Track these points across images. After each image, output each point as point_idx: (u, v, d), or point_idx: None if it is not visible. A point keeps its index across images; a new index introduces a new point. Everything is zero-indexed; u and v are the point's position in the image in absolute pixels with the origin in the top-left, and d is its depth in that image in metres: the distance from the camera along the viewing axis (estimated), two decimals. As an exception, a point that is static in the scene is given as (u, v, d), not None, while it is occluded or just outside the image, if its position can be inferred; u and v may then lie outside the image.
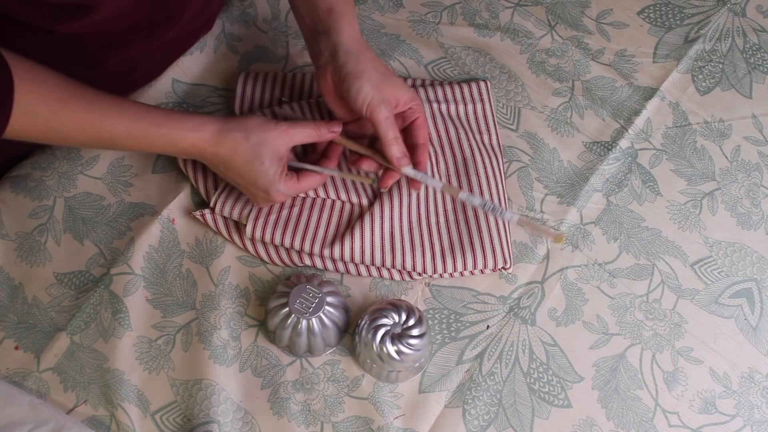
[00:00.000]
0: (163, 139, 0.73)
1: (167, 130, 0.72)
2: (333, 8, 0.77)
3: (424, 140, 0.79)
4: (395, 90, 0.76)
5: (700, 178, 0.93)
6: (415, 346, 0.76)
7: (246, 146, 0.74)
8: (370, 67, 0.75)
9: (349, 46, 0.76)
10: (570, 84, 0.98)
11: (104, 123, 0.70)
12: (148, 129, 0.72)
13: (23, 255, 0.84)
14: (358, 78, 0.74)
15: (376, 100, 0.74)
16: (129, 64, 0.85)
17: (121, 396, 0.77)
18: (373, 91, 0.74)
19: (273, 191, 0.76)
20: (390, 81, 0.76)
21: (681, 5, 1.05)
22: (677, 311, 0.85)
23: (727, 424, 0.80)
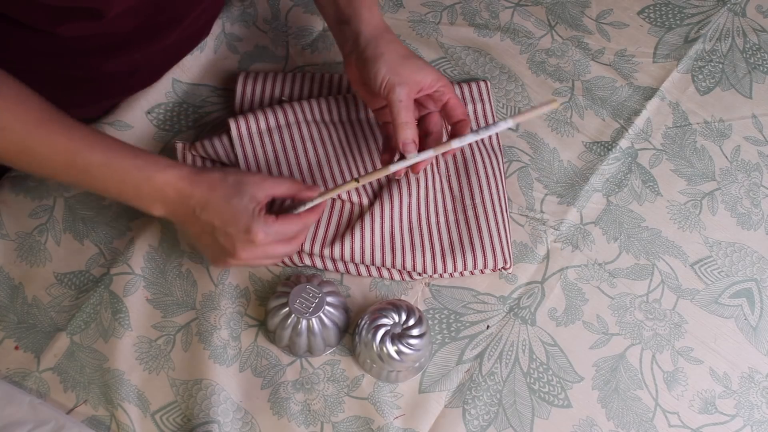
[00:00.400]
0: (138, 173, 0.69)
1: (144, 163, 0.69)
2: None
3: (462, 116, 0.76)
4: (416, 73, 0.74)
5: (700, 178, 0.93)
6: (415, 346, 0.76)
7: (225, 185, 0.70)
8: (390, 50, 0.75)
9: (369, 31, 0.76)
10: (570, 84, 0.98)
11: (80, 149, 0.68)
12: (123, 160, 0.69)
13: (23, 255, 0.84)
14: (376, 61, 0.74)
15: (392, 82, 0.73)
16: (129, 67, 0.85)
17: (121, 396, 0.77)
18: (390, 73, 0.73)
19: (255, 227, 0.69)
20: (411, 63, 0.75)
21: (681, 5, 1.05)
22: (677, 311, 0.85)
23: (727, 424, 0.80)
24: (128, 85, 0.89)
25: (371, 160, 0.88)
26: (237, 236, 0.70)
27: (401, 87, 0.73)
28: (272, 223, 0.70)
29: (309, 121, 0.88)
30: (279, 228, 0.71)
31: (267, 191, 0.71)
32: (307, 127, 0.88)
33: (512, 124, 0.72)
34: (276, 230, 0.70)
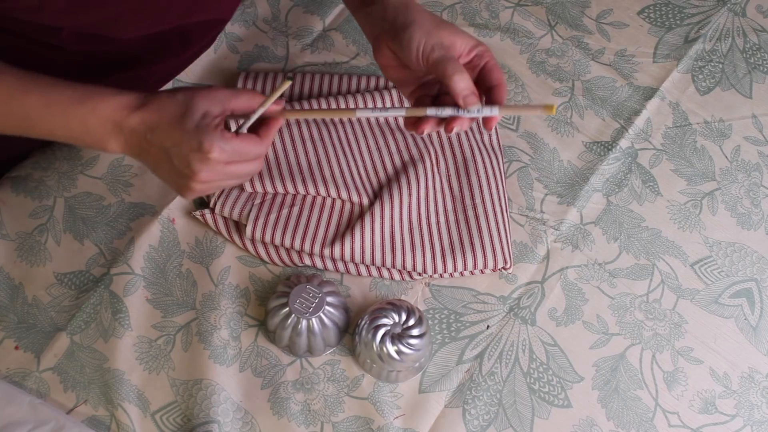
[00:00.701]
0: (81, 106, 0.63)
1: (85, 95, 0.64)
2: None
3: (498, 81, 0.69)
4: (453, 35, 0.68)
5: (700, 178, 0.93)
6: (415, 346, 0.76)
7: (174, 102, 0.63)
8: (421, 16, 0.68)
9: (397, 3, 0.70)
10: (570, 84, 0.98)
11: (15, 94, 0.63)
12: (63, 96, 0.63)
13: (23, 255, 0.84)
14: (407, 28, 0.67)
15: (430, 44, 0.66)
16: (134, 82, 0.85)
17: (121, 396, 0.77)
18: (426, 36, 0.66)
19: (207, 142, 0.62)
20: (447, 28, 0.68)
21: (681, 5, 1.05)
22: (677, 311, 0.85)
23: (727, 424, 0.80)
24: None
25: (371, 159, 0.88)
26: (191, 155, 0.63)
27: (440, 48, 0.66)
28: (229, 138, 0.63)
29: (309, 120, 0.88)
30: (237, 146, 0.64)
31: (223, 104, 0.64)
32: (307, 127, 0.88)
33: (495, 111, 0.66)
34: (233, 147, 0.63)
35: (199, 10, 0.76)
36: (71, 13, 0.64)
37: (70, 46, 0.73)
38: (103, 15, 0.66)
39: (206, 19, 0.81)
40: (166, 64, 0.85)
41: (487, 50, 0.70)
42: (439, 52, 0.66)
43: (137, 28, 0.71)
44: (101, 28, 0.69)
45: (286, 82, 0.65)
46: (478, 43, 0.70)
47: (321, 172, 0.85)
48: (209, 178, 0.64)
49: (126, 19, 0.68)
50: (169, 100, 0.64)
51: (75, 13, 0.64)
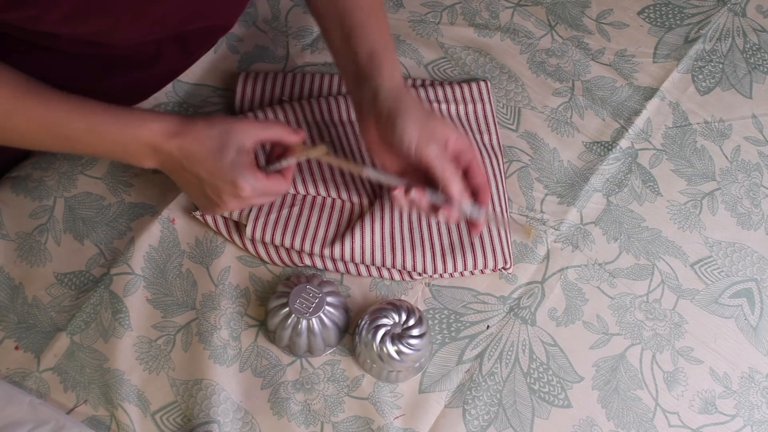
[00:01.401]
0: (123, 133, 0.69)
1: (126, 121, 0.70)
2: (374, 52, 0.74)
3: (483, 181, 0.73)
4: (443, 128, 0.71)
5: (700, 178, 0.93)
6: (415, 346, 0.76)
7: (211, 135, 0.70)
8: (413, 106, 0.71)
9: (389, 87, 0.73)
10: (570, 84, 0.98)
11: (61, 119, 0.68)
12: (106, 123, 0.69)
13: (23, 255, 0.84)
14: (400, 117, 0.70)
15: (424, 139, 0.69)
16: (131, 84, 0.85)
17: (121, 396, 0.77)
18: (419, 130, 0.69)
19: (241, 181, 0.70)
20: (436, 120, 0.72)
21: (681, 5, 1.05)
22: (677, 311, 0.85)
23: (727, 424, 0.80)
24: (130, 98, 0.89)
25: (371, 158, 0.88)
26: (224, 188, 0.71)
27: (432, 144, 0.70)
28: (260, 178, 0.71)
29: (309, 121, 0.88)
30: (266, 185, 0.72)
31: (254, 138, 0.71)
32: (307, 128, 0.88)
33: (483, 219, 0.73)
34: (263, 186, 0.72)
35: (195, 19, 0.76)
36: (69, 23, 0.65)
37: (69, 49, 0.74)
38: (100, 24, 0.66)
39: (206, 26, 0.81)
40: (165, 67, 0.85)
41: (472, 146, 0.74)
42: (433, 150, 0.69)
43: (135, 36, 0.71)
44: (99, 36, 0.69)
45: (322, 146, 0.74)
46: (462, 136, 0.73)
47: (321, 173, 0.85)
48: (235, 207, 0.74)
49: (123, 29, 0.68)
50: (207, 131, 0.70)
51: (72, 22, 0.65)
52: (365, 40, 0.75)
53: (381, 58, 0.74)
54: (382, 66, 0.74)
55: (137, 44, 0.75)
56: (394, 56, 0.76)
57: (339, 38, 0.76)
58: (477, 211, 0.71)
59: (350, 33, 0.75)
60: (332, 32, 0.77)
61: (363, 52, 0.75)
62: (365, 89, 0.74)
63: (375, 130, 0.73)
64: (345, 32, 0.76)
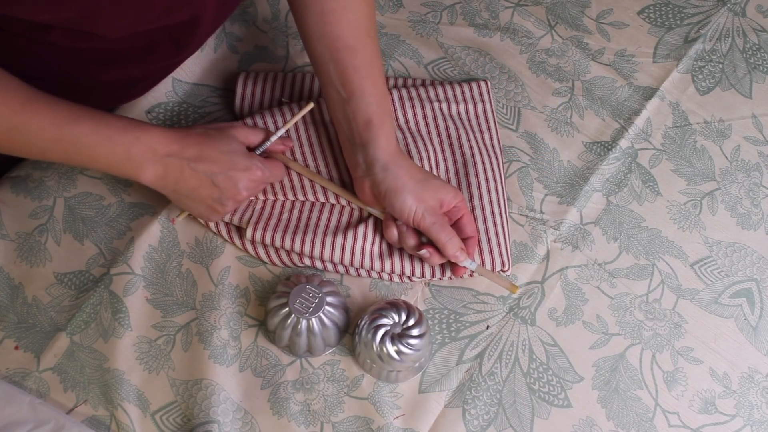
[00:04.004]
0: (126, 135, 0.71)
1: (130, 125, 0.72)
2: (371, 120, 0.78)
3: (472, 233, 0.81)
4: (436, 194, 0.79)
5: (700, 178, 0.93)
6: (415, 346, 0.76)
7: (211, 136, 0.76)
8: (408, 179, 0.78)
9: (386, 160, 0.78)
10: (570, 84, 0.98)
11: (67, 121, 0.69)
12: (110, 125, 0.71)
13: (23, 255, 0.84)
14: (399, 193, 0.77)
15: (420, 211, 0.77)
16: (128, 80, 0.85)
17: (121, 396, 0.77)
18: (416, 203, 0.77)
19: (253, 165, 0.77)
20: (430, 186, 0.79)
21: (681, 5, 1.05)
22: (677, 311, 0.85)
23: (727, 424, 0.80)
24: (127, 94, 0.89)
25: None
26: (239, 176, 0.76)
27: (429, 212, 0.78)
28: (265, 161, 0.79)
29: (308, 122, 0.88)
30: (272, 166, 0.80)
31: (247, 137, 0.79)
32: (306, 131, 0.88)
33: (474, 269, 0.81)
34: (270, 168, 0.79)
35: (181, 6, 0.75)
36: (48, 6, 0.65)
37: (61, 42, 0.73)
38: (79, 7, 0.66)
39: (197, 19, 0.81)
40: (158, 63, 0.85)
41: (464, 203, 0.81)
42: (428, 219, 0.77)
43: (121, 24, 0.71)
44: (84, 24, 0.69)
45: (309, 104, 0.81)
46: (456, 194, 0.80)
47: (320, 173, 0.85)
48: (247, 195, 0.79)
49: (106, 14, 0.68)
50: (206, 133, 0.76)
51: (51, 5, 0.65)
52: (362, 106, 0.78)
53: (377, 128, 0.78)
54: (379, 136, 0.78)
55: (129, 37, 0.75)
56: (391, 123, 0.80)
57: (337, 100, 0.79)
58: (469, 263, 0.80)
59: (349, 97, 0.78)
60: (330, 92, 0.80)
61: (360, 119, 0.78)
62: (361, 155, 0.79)
63: (369, 191, 0.80)
64: (343, 96, 0.78)
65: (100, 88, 0.84)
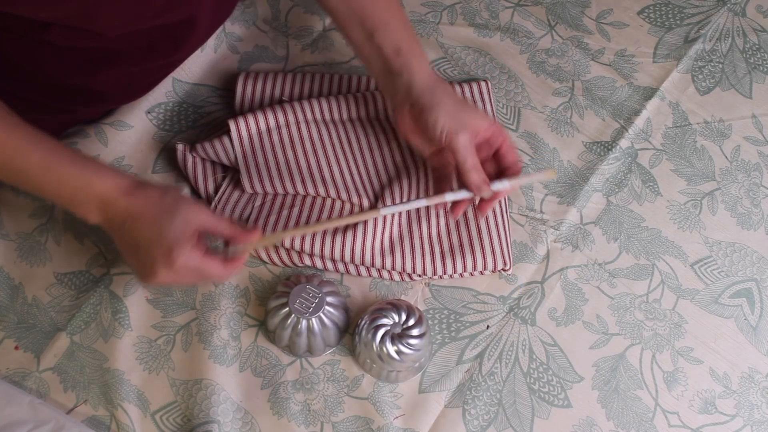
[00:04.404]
0: (77, 180, 0.68)
1: (83, 170, 0.68)
2: (401, 48, 0.78)
3: (513, 161, 0.78)
4: (474, 118, 0.76)
5: (700, 178, 0.93)
6: (415, 346, 0.76)
7: (161, 203, 0.68)
8: (446, 98, 0.76)
9: (423, 83, 0.77)
10: (570, 84, 0.98)
11: (20, 149, 0.66)
12: (63, 165, 0.67)
13: (23, 255, 0.84)
14: (434, 109, 0.76)
15: (454, 128, 0.75)
16: (126, 80, 0.85)
17: (121, 396, 0.77)
18: (450, 120, 0.75)
19: (176, 250, 0.66)
20: (468, 110, 0.77)
21: (681, 5, 1.05)
22: (677, 311, 0.85)
23: (727, 424, 0.80)
24: (125, 94, 0.89)
25: (372, 158, 0.88)
26: (158, 257, 0.67)
27: (463, 133, 0.75)
28: (196, 255, 0.67)
29: (309, 120, 0.88)
30: (201, 264, 0.68)
31: (202, 221, 0.69)
32: (307, 127, 0.88)
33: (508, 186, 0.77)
34: (197, 265, 0.68)
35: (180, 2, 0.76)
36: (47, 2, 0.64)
37: (60, 41, 0.73)
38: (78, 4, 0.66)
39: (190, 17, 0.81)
40: (157, 62, 0.85)
41: (502, 131, 0.78)
42: (462, 139, 0.75)
43: (119, 22, 0.71)
44: (83, 20, 0.69)
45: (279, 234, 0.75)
46: (494, 122, 0.77)
47: (321, 173, 0.85)
48: (167, 280, 0.69)
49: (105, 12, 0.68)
50: (159, 198, 0.68)
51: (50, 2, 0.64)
52: (389, 37, 0.78)
53: (409, 53, 0.78)
54: (412, 61, 0.78)
55: (128, 36, 0.75)
56: (421, 49, 0.80)
57: (361, 36, 0.79)
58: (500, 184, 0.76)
59: (373, 32, 0.78)
60: (352, 30, 0.80)
61: (389, 49, 0.78)
62: (397, 83, 0.78)
63: (409, 118, 0.78)
64: (367, 31, 0.79)
65: (99, 88, 0.84)
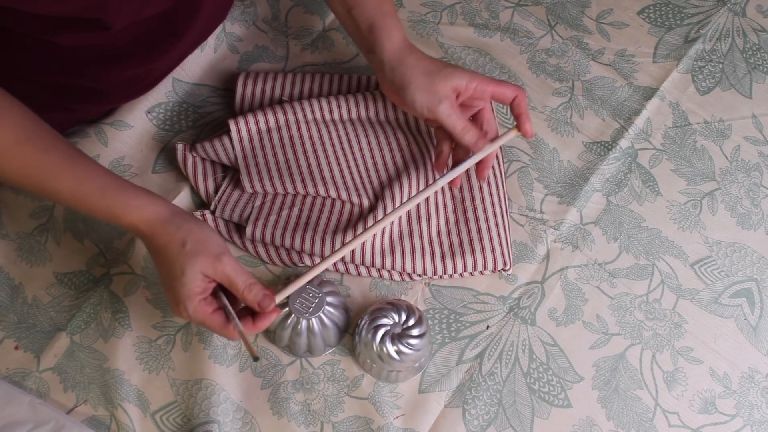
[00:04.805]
0: (106, 211, 0.68)
1: (111, 203, 0.68)
2: (374, 24, 0.79)
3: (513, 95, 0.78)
4: (449, 82, 0.76)
5: (700, 178, 0.93)
6: (415, 346, 0.76)
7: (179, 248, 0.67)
8: (416, 73, 0.77)
9: (392, 60, 0.78)
10: (570, 84, 0.98)
11: (49, 178, 0.67)
12: (90, 196, 0.68)
13: (23, 255, 0.84)
14: (408, 89, 0.77)
15: (431, 103, 0.76)
16: (129, 78, 0.85)
17: (121, 396, 0.77)
18: (426, 95, 0.76)
19: (183, 304, 0.67)
20: (441, 76, 0.76)
21: (681, 5, 1.05)
22: (677, 311, 0.85)
23: (727, 424, 0.80)
24: (128, 93, 0.89)
25: (372, 157, 0.88)
26: (171, 301, 0.68)
27: (441, 104, 0.76)
28: (204, 311, 0.67)
29: (309, 120, 0.88)
30: (207, 320, 0.68)
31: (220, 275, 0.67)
32: (307, 127, 0.88)
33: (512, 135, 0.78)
34: (203, 319, 0.68)
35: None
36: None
37: (66, 42, 0.73)
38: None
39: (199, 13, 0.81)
40: (160, 62, 0.85)
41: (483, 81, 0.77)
42: (443, 109, 0.76)
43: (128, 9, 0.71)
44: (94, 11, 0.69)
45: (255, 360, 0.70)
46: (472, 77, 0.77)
47: (321, 173, 0.85)
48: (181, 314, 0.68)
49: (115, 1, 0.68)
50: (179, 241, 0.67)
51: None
52: (364, 14, 0.79)
53: (379, 29, 0.79)
54: (382, 37, 0.78)
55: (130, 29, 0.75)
56: (393, 21, 0.80)
57: (342, 12, 0.81)
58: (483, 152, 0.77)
59: (351, 8, 0.80)
60: (337, 8, 0.82)
61: (364, 26, 0.80)
62: (374, 60, 0.80)
63: (393, 94, 0.80)
64: (346, 6, 0.80)
65: (99, 88, 0.84)
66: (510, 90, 0.78)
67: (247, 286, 0.68)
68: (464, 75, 0.77)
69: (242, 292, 0.68)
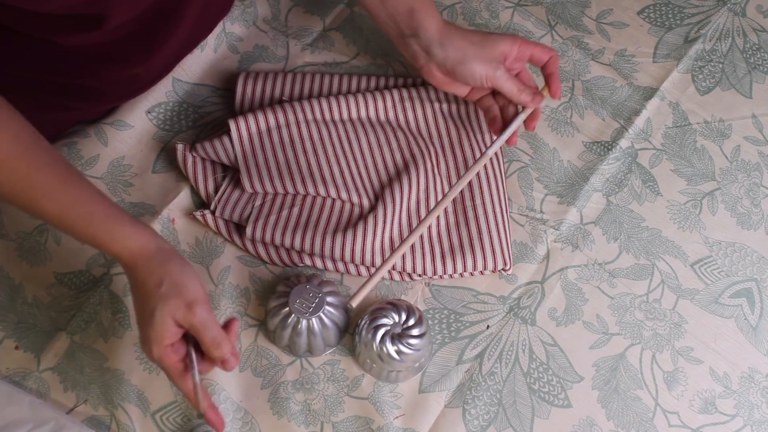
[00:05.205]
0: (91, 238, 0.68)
1: (97, 230, 0.67)
2: (414, 7, 0.82)
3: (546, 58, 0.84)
4: (498, 48, 0.81)
5: (700, 178, 0.93)
6: (415, 346, 0.76)
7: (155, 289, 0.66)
8: (467, 45, 0.81)
9: (440, 38, 0.81)
10: (570, 84, 0.98)
11: (39, 198, 0.66)
12: (78, 221, 0.67)
13: (23, 255, 0.84)
14: (465, 63, 0.81)
15: (489, 72, 0.81)
16: (129, 77, 0.85)
17: (121, 396, 0.77)
18: (483, 65, 0.81)
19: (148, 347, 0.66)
20: (490, 43, 0.82)
21: (681, 5, 1.05)
22: (677, 311, 0.85)
23: (727, 424, 0.80)
24: (127, 92, 0.89)
25: (372, 157, 0.88)
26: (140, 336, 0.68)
27: (498, 70, 0.81)
28: (166, 359, 0.67)
29: (309, 120, 0.88)
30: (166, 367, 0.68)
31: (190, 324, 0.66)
32: (307, 127, 0.88)
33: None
34: (167, 367, 0.68)
35: None
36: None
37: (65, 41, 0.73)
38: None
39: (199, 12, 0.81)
40: (157, 61, 0.85)
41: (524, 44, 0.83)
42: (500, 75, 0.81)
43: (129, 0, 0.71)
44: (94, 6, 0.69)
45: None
46: (513, 40, 0.83)
47: (321, 173, 0.85)
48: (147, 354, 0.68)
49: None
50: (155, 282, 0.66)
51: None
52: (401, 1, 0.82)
53: (421, 12, 0.82)
54: (425, 20, 0.82)
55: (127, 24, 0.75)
56: (431, 3, 0.84)
57: (375, 3, 0.84)
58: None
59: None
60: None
61: (402, 11, 0.82)
62: (415, 44, 0.83)
63: (441, 75, 0.83)
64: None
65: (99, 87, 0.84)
66: (546, 52, 0.84)
67: (215, 343, 0.66)
68: (507, 39, 0.82)
69: (208, 347, 0.67)
